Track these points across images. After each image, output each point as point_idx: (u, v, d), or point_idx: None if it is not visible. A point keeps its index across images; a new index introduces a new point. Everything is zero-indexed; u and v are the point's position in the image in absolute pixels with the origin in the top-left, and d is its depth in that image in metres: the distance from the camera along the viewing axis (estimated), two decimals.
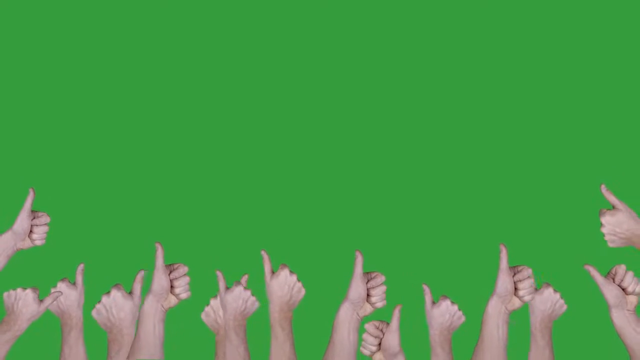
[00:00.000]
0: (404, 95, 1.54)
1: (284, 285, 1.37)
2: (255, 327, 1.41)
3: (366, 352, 1.36)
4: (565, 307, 1.39)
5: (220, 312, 1.38)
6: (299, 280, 1.37)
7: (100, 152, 1.52)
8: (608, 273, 1.37)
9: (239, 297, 1.36)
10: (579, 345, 1.44)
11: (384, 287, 1.36)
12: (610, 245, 1.36)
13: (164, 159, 1.53)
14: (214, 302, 1.39)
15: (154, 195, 1.51)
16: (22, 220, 1.34)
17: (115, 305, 1.36)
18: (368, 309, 1.36)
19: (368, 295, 1.36)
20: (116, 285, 1.38)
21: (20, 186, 1.50)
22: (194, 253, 1.50)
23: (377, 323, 1.37)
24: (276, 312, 1.36)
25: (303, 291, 1.37)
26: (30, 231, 1.36)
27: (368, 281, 1.36)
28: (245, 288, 1.37)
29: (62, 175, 1.51)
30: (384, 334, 1.36)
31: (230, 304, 1.36)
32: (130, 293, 1.37)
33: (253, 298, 1.37)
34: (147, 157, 1.52)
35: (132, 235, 1.50)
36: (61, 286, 1.36)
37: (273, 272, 1.38)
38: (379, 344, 1.36)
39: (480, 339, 1.36)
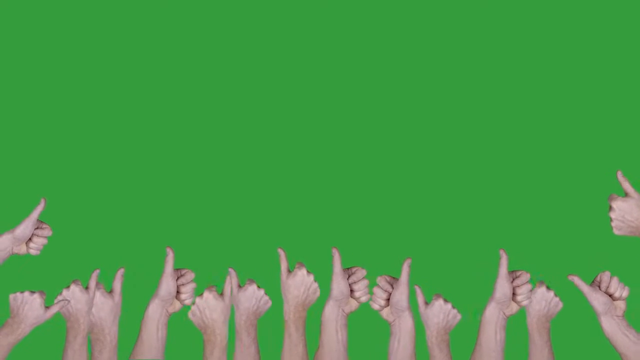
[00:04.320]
0: (403, 95, 1.56)
1: (301, 286, 1.36)
2: (266, 327, 1.41)
3: (375, 306, 1.36)
4: (560, 304, 1.38)
5: (206, 311, 1.36)
6: (315, 280, 1.36)
7: (108, 157, 1.51)
8: (593, 281, 1.37)
9: (252, 296, 1.36)
10: (580, 345, 1.45)
11: (366, 281, 1.36)
12: (616, 232, 1.35)
13: (169, 163, 1.52)
14: (199, 301, 1.37)
15: (158, 199, 1.51)
16: (26, 227, 1.31)
17: (95, 305, 1.34)
18: (353, 304, 1.36)
19: (352, 290, 1.36)
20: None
21: (28, 187, 1.48)
22: (189, 254, 1.49)
23: (388, 277, 1.36)
24: (291, 312, 1.35)
25: (318, 292, 1.37)
26: (30, 239, 1.34)
27: (349, 277, 1.36)
28: (259, 287, 1.36)
29: (69, 179, 1.49)
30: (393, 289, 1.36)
31: (242, 303, 1.36)
32: (110, 292, 1.35)
33: (266, 297, 1.37)
34: (153, 161, 1.52)
35: (132, 238, 1.49)
36: (73, 289, 1.33)
37: (289, 271, 1.37)
38: (388, 299, 1.36)
39: (478, 344, 1.36)
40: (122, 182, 1.51)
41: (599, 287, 1.36)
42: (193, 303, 1.37)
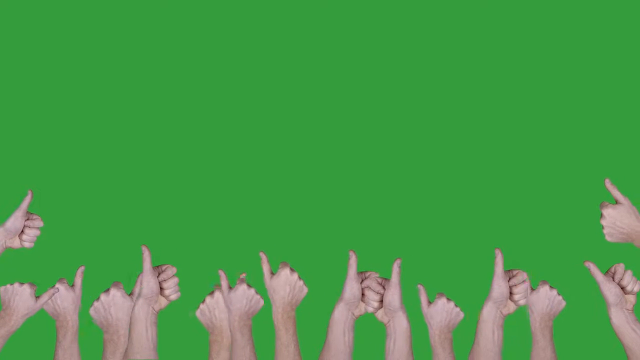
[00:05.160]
0: (402, 96, 1.56)
1: (286, 285, 1.35)
2: (259, 328, 1.40)
3: (370, 309, 1.34)
4: (563, 303, 1.36)
5: (216, 312, 1.36)
6: (300, 278, 1.36)
7: (95, 155, 1.53)
8: (607, 272, 1.35)
9: (243, 297, 1.35)
10: (581, 345, 1.42)
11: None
12: (608, 239, 1.35)
13: (155, 161, 1.54)
14: (210, 300, 1.37)
15: (147, 197, 1.52)
16: (16, 219, 1.34)
17: (114, 304, 1.35)
18: (363, 308, 1.35)
19: (363, 294, 1.35)
20: (116, 284, 1.36)
21: (17, 186, 1.52)
22: (188, 254, 1.50)
23: (379, 279, 1.35)
24: (279, 313, 1.34)
25: (305, 289, 1.36)
26: (22, 232, 1.35)
27: (362, 281, 1.36)
28: (249, 286, 1.35)
29: (56, 177, 1.52)
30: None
31: (234, 304, 1.35)
32: (131, 294, 1.36)
33: (257, 296, 1.36)
34: (139, 159, 1.54)
35: (126, 236, 1.50)
36: (59, 287, 1.35)
37: (272, 273, 1.36)
38: (382, 300, 1.34)
39: (476, 344, 1.33)
40: (117, 180, 1.53)
41: (613, 278, 1.34)
42: (203, 301, 1.37)
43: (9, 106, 1.56)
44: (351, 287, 1.33)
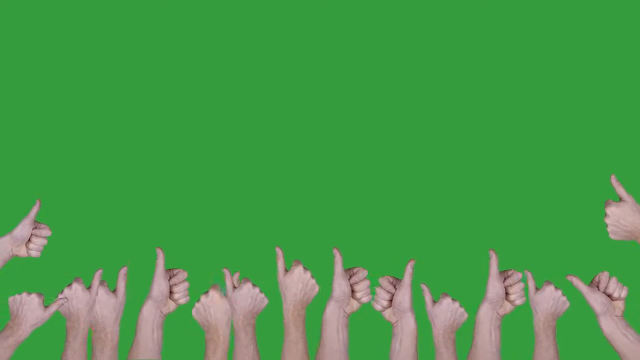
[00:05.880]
0: (398, 95, 1.56)
1: (298, 283, 1.36)
2: (266, 326, 1.41)
3: (378, 307, 1.36)
4: (567, 304, 1.37)
5: (211, 310, 1.36)
6: (312, 277, 1.36)
7: (103, 165, 1.51)
8: (592, 281, 1.37)
9: (248, 295, 1.35)
10: (584, 345, 1.44)
11: (367, 282, 1.37)
12: (612, 237, 1.35)
13: (162, 163, 1.52)
14: (205, 299, 1.37)
15: (153, 198, 1.51)
16: (24, 227, 1.32)
17: (98, 302, 1.34)
18: (354, 305, 1.37)
19: (353, 291, 1.37)
20: (100, 283, 1.36)
21: (26, 195, 1.49)
22: (191, 255, 1.49)
23: (390, 278, 1.37)
24: (290, 311, 1.35)
25: (316, 288, 1.37)
26: (29, 240, 1.34)
27: (351, 277, 1.37)
28: (254, 285, 1.36)
29: (65, 187, 1.50)
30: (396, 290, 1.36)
31: (239, 303, 1.35)
32: (114, 291, 1.36)
33: (262, 295, 1.36)
34: (146, 161, 1.52)
35: (132, 245, 1.49)
36: (75, 287, 1.33)
37: (286, 270, 1.37)
38: (391, 300, 1.37)
39: (474, 345, 1.37)
40: (120, 182, 1.51)
41: (598, 287, 1.36)
42: (198, 300, 1.37)
43: (17, 115, 1.51)
44: (339, 285, 1.35)
